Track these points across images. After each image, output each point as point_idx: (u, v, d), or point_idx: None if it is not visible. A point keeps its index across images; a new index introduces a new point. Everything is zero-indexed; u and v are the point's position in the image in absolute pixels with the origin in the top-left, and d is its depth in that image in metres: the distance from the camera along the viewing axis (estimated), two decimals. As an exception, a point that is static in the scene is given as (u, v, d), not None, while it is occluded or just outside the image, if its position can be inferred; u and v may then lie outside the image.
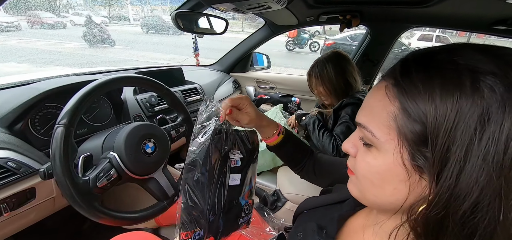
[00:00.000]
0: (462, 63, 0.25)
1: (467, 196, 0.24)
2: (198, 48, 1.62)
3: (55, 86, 0.78)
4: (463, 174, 0.24)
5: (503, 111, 0.23)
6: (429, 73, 0.26)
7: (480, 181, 0.23)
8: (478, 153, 0.23)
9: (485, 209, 0.24)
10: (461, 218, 0.25)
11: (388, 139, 0.29)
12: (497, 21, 1.03)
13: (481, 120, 0.23)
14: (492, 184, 0.23)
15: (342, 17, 1.20)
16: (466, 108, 0.24)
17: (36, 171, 0.66)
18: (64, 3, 14.65)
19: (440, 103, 0.25)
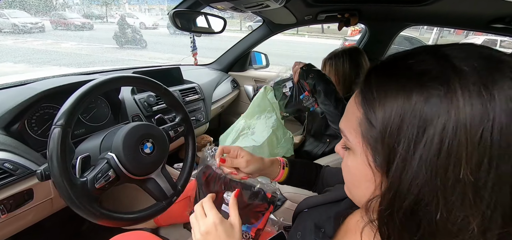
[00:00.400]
0: (414, 68, 0.27)
1: (408, 194, 0.26)
2: (196, 47, 1.62)
3: (52, 86, 0.77)
4: (404, 173, 0.26)
5: (437, 116, 0.24)
6: (385, 80, 0.29)
7: (419, 180, 0.25)
8: (418, 155, 0.25)
9: (425, 207, 0.25)
10: (404, 214, 0.27)
11: (356, 142, 0.31)
12: (495, 19, 1.04)
13: (421, 123, 0.25)
14: (430, 184, 0.24)
15: (341, 15, 1.20)
16: (408, 111, 0.25)
17: (34, 172, 0.66)
18: (60, 3, 14.54)
19: (387, 107, 0.27)
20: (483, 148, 0.23)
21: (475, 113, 0.23)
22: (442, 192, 0.24)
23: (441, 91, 0.24)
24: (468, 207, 0.24)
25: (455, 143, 0.23)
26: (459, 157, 0.23)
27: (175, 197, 0.70)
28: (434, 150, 0.24)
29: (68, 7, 14.24)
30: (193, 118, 1.30)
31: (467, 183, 0.23)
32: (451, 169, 0.23)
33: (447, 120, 0.23)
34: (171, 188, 0.69)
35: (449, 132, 0.23)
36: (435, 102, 0.24)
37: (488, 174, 0.23)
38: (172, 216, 0.95)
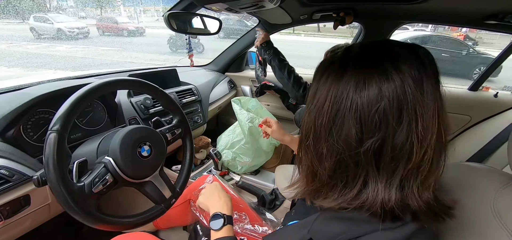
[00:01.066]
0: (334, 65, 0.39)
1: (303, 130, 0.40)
2: (192, 48, 1.61)
3: (47, 91, 0.76)
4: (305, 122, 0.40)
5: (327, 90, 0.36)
6: (321, 69, 0.40)
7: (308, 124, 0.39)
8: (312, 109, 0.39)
9: (308, 139, 0.39)
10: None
11: None
12: (489, 16, 1.05)
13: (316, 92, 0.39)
14: (310, 126, 0.39)
15: (336, 14, 1.21)
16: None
17: (30, 178, 0.65)
18: (54, 5, 14.40)
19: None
20: (337, 109, 0.34)
21: (338, 91, 0.35)
22: (313, 130, 0.38)
23: (332, 79, 0.36)
24: (323, 136, 0.36)
25: (324, 106, 0.36)
26: (323, 113, 0.36)
27: (173, 200, 0.70)
28: (317, 105, 0.37)
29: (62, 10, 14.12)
30: (190, 120, 1.30)
31: (325, 126, 0.36)
32: (319, 119, 0.36)
33: (328, 93, 0.36)
34: (170, 190, 0.69)
35: (323, 97, 0.36)
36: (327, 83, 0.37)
37: (337, 124, 0.35)
38: (171, 218, 0.95)
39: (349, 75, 0.34)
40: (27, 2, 11.54)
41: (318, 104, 0.37)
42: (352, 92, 0.33)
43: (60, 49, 8.06)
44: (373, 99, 0.32)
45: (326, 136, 0.36)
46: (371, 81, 0.32)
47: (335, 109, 0.34)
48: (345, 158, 0.35)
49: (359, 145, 0.33)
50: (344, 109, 0.34)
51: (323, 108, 0.35)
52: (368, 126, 0.32)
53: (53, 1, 14.32)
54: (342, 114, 0.34)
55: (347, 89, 0.34)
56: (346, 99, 0.33)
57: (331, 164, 0.36)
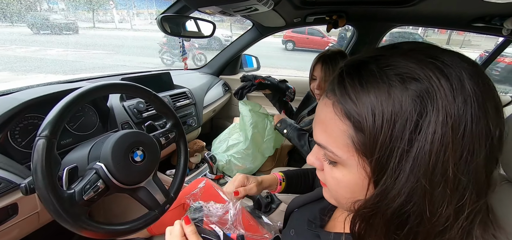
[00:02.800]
0: (393, 71, 0.26)
1: (396, 198, 0.26)
2: (185, 52, 1.61)
3: (36, 95, 0.75)
4: (396, 180, 0.26)
5: (425, 115, 0.24)
6: (363, 85, 0.27)
7: (408, 185, 0.25)
8: (410, 160, 0.25)
9: (411, 208, 0.26)
10: (390, 216, 0.27)
11: (349, 156, 0.29)
12: (476, 19, 1.08)
13: (412, 127, 0.25)
14: (418, 187, 0.25)
15: (329, 17, 1.22)
16: (398, 115, 0.25)
17: (18, 186, 0.63)
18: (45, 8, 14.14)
19: (377, 115, 0.26)
20: (464, 141, 0.24)
21: (458, 109, 0.24)
22: (429, 191, 0.25)
23: (425, 92, 0.24)
24: (448, 195, 0.25)
25: (444, 141, 0.24)
26: (446, 155, 0.24)
27: (167, 205, 0.68)
28: (425, 153, 0.24)
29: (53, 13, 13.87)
30: (184, 123, 1.28)
31: (451, 177, 0.24)
32: (438, 168, 0.24)
33: (436, 120, 0.24)
34: (164, 196, 0.67)
35: (438, 131, 0.24)
36: (422, 104, 0.24)
37: (467, 164, 0.24)
38: (165, 224, 0.92)
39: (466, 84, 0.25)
40: (16, 5, 11.27)
41: (422, 148, 0.24)
42: (473, 110, 0.24)
43: (50, 53, 7.90)
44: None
45: (453, 189, 0.25)
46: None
47: (460, 142, 0.24)
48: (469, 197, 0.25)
49: (486, 186, 0.26)
50: (471, 139, 0.24)
51: (443, 145, 0.24)
52: (498, 148, 0.26)
53: (43, 4, 14.08)
54: (468, 146, 0.24)
55: (465, 107, 0.24)
56: (471, 125, 0.24)
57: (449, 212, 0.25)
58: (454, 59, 0.26)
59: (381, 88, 0.26)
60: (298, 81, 1.79)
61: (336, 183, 0.33)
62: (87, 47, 9.12)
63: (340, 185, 0.33)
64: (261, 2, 0.80)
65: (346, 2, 1.12)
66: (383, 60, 0.27)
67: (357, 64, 0.29)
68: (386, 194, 0.26)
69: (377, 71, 0.27)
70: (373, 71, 0.27)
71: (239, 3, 0.80)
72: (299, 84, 1.76)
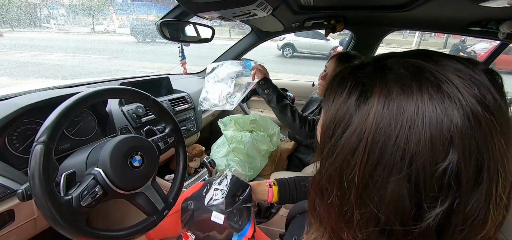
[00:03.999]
0: (359, 81, 0.28)
1: (321, 179, 0.30)
2: (185, 56, 1.61)
3: (35, 101, 0.74)
4: (325, 163, 0.29)
5: (353, 117, 0.26)
6: (334, 87, 0.31)
7: (330, 171, 0.28)
8: (335, 153, 0.28)
9: (327, 192, 0.29)
10: (316, 192, 0.32)
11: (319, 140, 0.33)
12: (472, 23, 1.09)
13: (343, 124, 0.27)
14: (333, 174, 0.28)
15: (327, 22, 1.23)
16: (340, 112, 0.28)
17: (14, 192, 0.63)
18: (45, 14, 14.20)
19: (328, 111, 0.30)
20: (379, 158, 0.23)
21: (382, 124, 0.23)
22: (338, 186, 0.27)
23: (364, 103, 0.25)
24: (353, 201, 0.26)
25: (358, 148, 0.25)
26: (355, 162, 0.25)
27: (166, 211, 0.68)
28: (340, 151, 0.26)
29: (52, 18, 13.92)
30: (183, 128, 1.28)
31: (356, 185, 0.25)
32: (347, 171, 0.26)
33: (357, 126, 0.25)
34: (162, 201, 0.67)
35: (355, 137, 0.25)
36: (358, 110, 0.26)
37: (376, 182, 0.24)
38: (164, 229, 0.92)
39: (395, 98, 0.23)
40: (15, 11, 11.31)
41: (343, 146, 0.26)
42: (402, 129, 0.22)
43: (50, 58, 7.91)
44: (439, 149, 0.21)
45: (358, 197, 0.25)
46: (432, 116, 0.22)
47: (374, 157, 0.24)
48: (391, 229, 0.24)
49: (413, 218, 0.23)
50: (389, 158, 0.23)
51: (354, 154, 0.25)
52: (429, 189, 0.22)
53: (44, 10, 14.14)
54: (385, 165, 0.23)
55: (394, 121, 0.23)
56: (392, 141, 0.23)
57: (369, 234, 0.25)
58: (436, 68, 0.24)
59: (342, 91, 0.29)
60: (300, 85, 1.80)
61: None
62: (87, 52, 9.14)
63: None
64: (259, 7, 0.81)
65: (344, 7, 1.14)
66: (364, 67, 0.29)
67: (347, 68, 0.32)
68: (317, 173, 0.31)
69: (349, 77, 0.29)
70: (347, 76, 0.30)
71: (238, 8, 0.81)
72: (300, 89, 1.77)
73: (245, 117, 1.34)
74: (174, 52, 1.61)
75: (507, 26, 0.97)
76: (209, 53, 2.61)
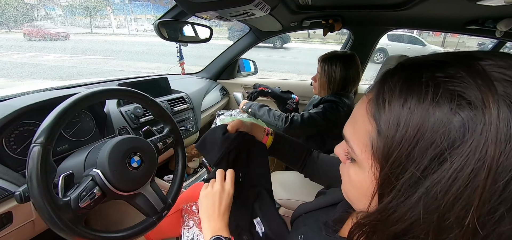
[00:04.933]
0: (444, 86, 0.22)
1: (398, 222, 0.23)
2: (183, 56, 1.60)
3: (32, 102, 0.74)
4: (402, 202, 0.23)
5: (458, 146, 0.20)
6: (402, 90, 0.23)
7: (415, 213, 0.22)
8: (424, 187, 0.21)
9: (410, 238, 0.23)
10: (387, 238, 0.25)
11: (365, 157, 0.28)
12: (470, 21, 1.10)
13: (437, 150, 0.21)
14: (425, 220, 0.22)
15: (325, 21, 1.23)
16: (426, 133, 0.21)
17: (12, 194, 0.62)
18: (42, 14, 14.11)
19: (403, 125, 0.22)
20: (505, 193, 0.19)
21: (509, 150, 0.18)
22: (436, 231, 0.21)
23: (473, 120, 0.20)
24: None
25: (471, 184, 0.19)
26: (470, 201, 0.19)
27: (165, 211, 0.68)
28: (442, 189, 0.20)
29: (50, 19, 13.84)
30: (182, 128, 1.28)
31: (469, 229, 0.20)
32: (454, 212, 0.20)
33: (469, 154, 0.19)
34: (161, 202, 0.67)
35: (466, 170, 0.19)
36: (462, 128, 0.20)
37: (496, 226, 0.19)
38: (163, 230, 0.92)
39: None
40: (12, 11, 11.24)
41: (451, 177, 0.20)
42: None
43: (47, 59, 7.86)
44: None
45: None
46: None
47: (497, 192, 0.19)
48: None
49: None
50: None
51: (466, 188, 0.20)
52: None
53: (41, 10, 14.06)
54: (509, 200, 0.19)
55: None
56: None
57: None
58: None
59: (421, 99, 0.22)
60: (301, 84, 1.80)
61: (348, 179, 0.33)
62: (84, 53, 9.09)
63: (350, 181, 0.33)
64: (257, 7, 0.80)
65: (342, 6, 1.14)
66: (443, 68, 0.23)
67: (412, 66, 0.25)
68: (388, 213, 0.24)
69: (427, 80, 0.22)
70: (421, 79, 0.23)
71: (236, 8, 0.81)
72: (302, 88, 1.77)
73: (245, 118, 1.34)
74: (172, 52, 1.61)
75: (505, 24, 0.98)
76: (207, 53, 2.61)
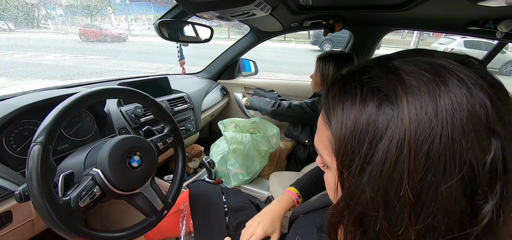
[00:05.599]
0: (368, 85, 0.26)
1: (356, 206, 0.26)
2: (183, 56, 1.60)
3: (32, 101, 0.74)
4: (356, 189, 0.26)
5: (385, 130, 0.24)
6: (340, 95, 0.28)
7: (365, 196, 0.25)
8: (368, 172, 0.25)
9: (369, 219, 0.26)
10: (352, 223, 0.28)
11: (330, 160, 0.31)
12: (470, 22, 1.09)
13: (370, 138, 0.24)
14: (373, 201, 0.25)
15: (325, 22, 1.23)
16: (360, 127, 0.25)
17: (12, 193, 0.62)
18: (43, 14, 14.12)
19: (343, 124, 0.27)
20: (428, 162, 0.22)
21: (421, 126, 0.22)
22: (383, 207, 0.24)
23: (391, 108, 0.24)
24: (407, 219, 0.23)
25: (399, 160, 0.23)
26: (401, 174, 0.23)
27: (165, 211, 0.68)
28: (379, 166, 0.24)
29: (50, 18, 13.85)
30: (182, 128, 1.28)
31: (407, 200, 0.23)
32: (392, 188, 0.23)
33: (392, 135, 0.23)
34: (161, 201, 0.67)
35: (392, 149, 0.23)
36: (384, 117, 0.24)
37: (429, 191, 0.22)
38: (163, 230, 0.92)
39: (425, 97, 0.23)
40: (13, 11, 11.25)
41: (381, 160, 0.23)
42: (444, 127, 0.21)
43: (48, 58, 7.87)
44: (483, 139, 0.21)
45: (411, 213, 0.23)
46: (468, 106, 0.21)
47: (420, 164, 0.22)
48: (450, 238, 0.23)
49: (469, 219, 0.22)
50: (437, 161, 0.21)
51: (396, 167, 0.23)
52: (482, 183, 0.21)
53: (41, 10, 14.08)
54: (435, 170, 0.22)
55: (434, 121, 0.22)
56: (437, 142, 0.21)
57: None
58: (445, 62, 0.24)
59: (353, 100, 0.26)
60: (300, 85, 1.80)
61: (327, 183, 0.36)
62: (85, 52, 9.10)
63: (328, 185, 0.36)
64: (258, 7, 0.80)
65: (343, 7, 1.14)
66: (367, 72, 0.27)
67: (345, 75, 0.30)
68: (348, 199, 0.27)
69: (356, 83, 0.27)
70: (351, 83, 0.28)
71: (237, 8, 0.81)
72: (301, 88, 1.77)
73: (245, 121, 1.34)
74: (173, 52, 1.61)
75: (505, 25, 0.97)
76: (208, 53, 2.61)
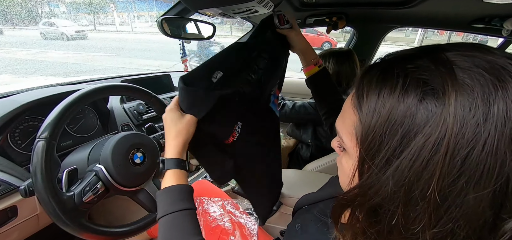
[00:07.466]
0: (412, 76, 0.24)
1: (374, 197, 0.26)
2: (185, 53, 1.60)
3: (36, 98, 0.74)
4: (376, 180, 0.25)
5: (423, 127, 0.22)
6: (379, 83, 0.26)
7: (387, 189, 0.24)
8: (394, 165, 0.24)
9: (385, 211, 0.26)
10: (366, 212, 0.28)
11: (351, 146, 0.30)
12: (476, 20, 1.08)
13: (405, 132, 0.23)
14: (396, 193, 0.24)
15: (329, 19, 1.23)
16: (396, 118, 0.24)
17: (17, 188, 0.63)
18: (46, 11, 14.19)
19: (376, 111, 0.25)
20: (464, 168, 0.21)
21: (465, 130, 0.20)
22: (404, 203, 0.24)
23: (435, 104, 0.22)
24: (427, 220, 0.23)
25: (431, 161, 0.21)
26: (431, 174, 0.22)
27: (167, 207, 0.68)
28: (409, 162, 0.23)
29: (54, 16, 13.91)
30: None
31: (432, 202, 0.22)
32: (418, 187, 0.23)
33: (431, 132, 0.21)
34: (163, 198, 0.67)
35: (427, 148, 0.22)
36: (425, 113, 0.22)
37: (457, 197, 0.21)
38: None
39: (478, 97, 0.21)
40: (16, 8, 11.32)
41: (413, 155, 0.22)
42: (491, 133, 0.20)
43: (52, 55, 7.92)
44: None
45: (432, 214, 0.22)
46: None
47: (455, 168, 0.21)
48: None
49: (489, 231, 0.22)
50: (474, 169, 0.20)
51: (427, 165, 0.22)
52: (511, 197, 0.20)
53: (45, 7, 14.15)
54: (469, 176, 0.21)
55: (482, 126, 0.20)
56: (479, 149, 0.20)
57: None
58: (506, 63, 0.21)
59: (392, 89, 0.24)
60: (301, 82, 1.79)
61: (341, 167, 0.35)
62: (88, 50, 9.15)
63: (342, 170, 0.35)
64: (261, 4, 0.80)
65: (346, 4, 1.13)
66: (413, 60, 0.25)
67: (386, 60, 0.29)
68: (366, 189, 0.26)
69: (398, 71, 0.25)
70: (392, 70, 0.26)
71: (239, 5, 0.80)
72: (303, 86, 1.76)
73: None
74: (175, 50, 1.61)
75: (511, 23, 0.96)
76: (210, 51, 2.59)
